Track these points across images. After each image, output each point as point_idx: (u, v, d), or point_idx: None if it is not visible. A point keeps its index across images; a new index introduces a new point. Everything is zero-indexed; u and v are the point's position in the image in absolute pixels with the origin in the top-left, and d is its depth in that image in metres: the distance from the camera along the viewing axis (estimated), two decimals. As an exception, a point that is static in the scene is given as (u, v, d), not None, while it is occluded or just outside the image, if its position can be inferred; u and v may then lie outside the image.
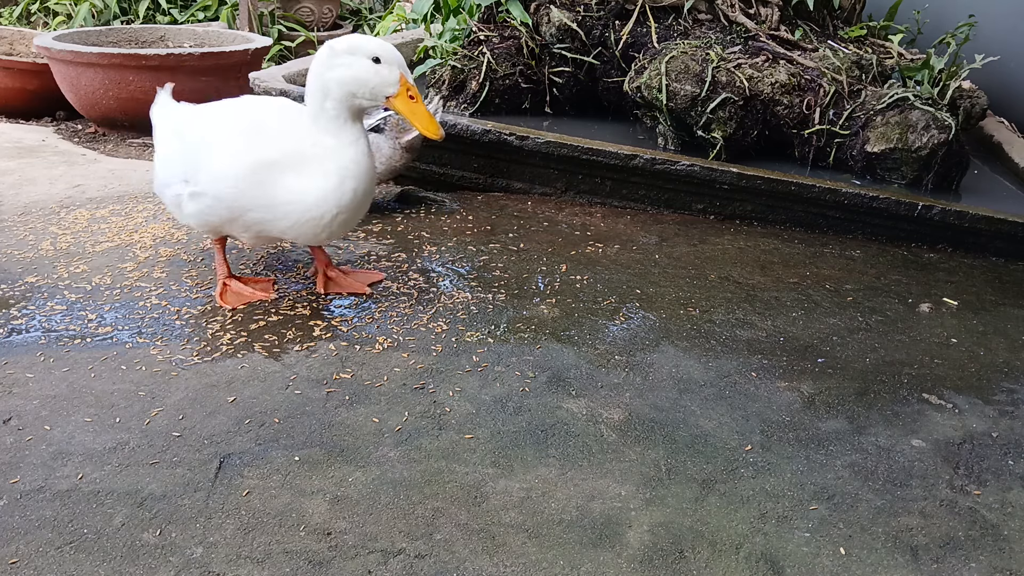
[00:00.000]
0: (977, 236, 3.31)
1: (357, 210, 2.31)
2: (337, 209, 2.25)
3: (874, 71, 3.76)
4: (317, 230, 2.29)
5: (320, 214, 2.25)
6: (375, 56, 2.17)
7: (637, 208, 3.53)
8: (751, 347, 2.44)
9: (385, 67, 2.17)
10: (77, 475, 1.76)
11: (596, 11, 3.99)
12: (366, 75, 2.17)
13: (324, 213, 2.25)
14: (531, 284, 2.74)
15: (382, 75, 2.17)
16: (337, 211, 2.25)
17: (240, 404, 2.03)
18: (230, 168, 2.26)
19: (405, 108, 2.21)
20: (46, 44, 4.39)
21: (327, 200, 2.24)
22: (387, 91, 2.19)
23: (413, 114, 2.22)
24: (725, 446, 1.99)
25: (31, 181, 3.55)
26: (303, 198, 2.24)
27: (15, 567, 1.53)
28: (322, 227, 2.28)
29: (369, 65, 2.17)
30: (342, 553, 1.60)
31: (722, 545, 1.68)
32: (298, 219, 2.26)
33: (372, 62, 2.17)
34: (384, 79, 2.18)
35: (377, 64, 2.17)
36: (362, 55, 2.17)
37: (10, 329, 2.31)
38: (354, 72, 2.17)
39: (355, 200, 2.27)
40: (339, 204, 2.25)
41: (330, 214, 2.25)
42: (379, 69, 2.17)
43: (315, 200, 2.24)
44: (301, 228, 2.29)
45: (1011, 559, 1.71)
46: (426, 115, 2.22)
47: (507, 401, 2.10)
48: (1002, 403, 2.27)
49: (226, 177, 2.26)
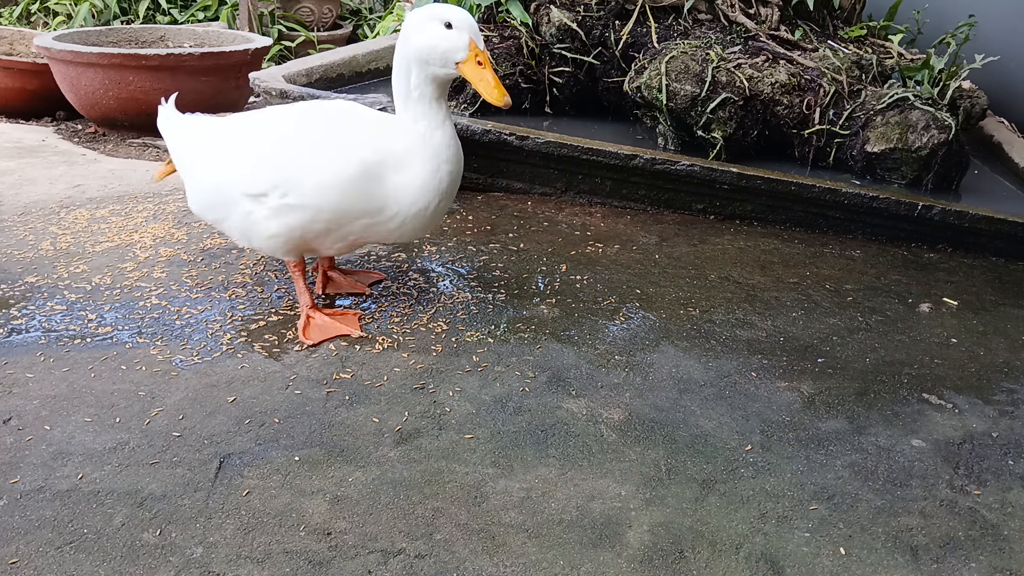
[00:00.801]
0: (977, 236, 3.31)
1: (451, 196, 2.28)
2: (438, 197, 2.22)
3: (874, 71, 3.76)
4: (424, 223, 2.26)
5: (424, 206, 2.21)
6: (447, 21, 2.14)
7: (637, 208, 3.53)
8: (751, 347, 2.44)
9: (456, 32, 2.14)
10: (77, 475, 1.76)
11: (596, 11, 3.99)
12: (438, 40, 2.13)
13: (428, 204, 2.21)
14: (531, 284, 2.74)
15: (451, 39, 2.13)
16: (439, 199, 2.22)
17: (240, 404, 2.03)
18: (336, 175, 2.17)
19: (473, 73, 2.15)
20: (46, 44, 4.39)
21: (427, 190, 2.20)
22: (456, 56, 2.14)
23: (480, 79, 2.16)
24: (725, 446, 1.99)
25: (31, 181, 3.55)
26: (406, 193, 2.19)
27: (15, 567, 1.53)
28: (428, 219, 2.25)
29: (442, 30, 2.14)
30: (342, 553, 1.60)
31: (722, 545, 1.68)
32: (404, 217, 2.22)
33: (445, 27, 2.14)
34: (454, 43, 2.13)
35: (449, 29, 2.14)
36: (437, 20, 2.15)
37: (10, 329, 2.31)
38: (427, 37, 2.14)
39: (452, 185, 2.24)
40: (439, 191, 2.21)
41: (433, 204, 2.22)
42: (449, 34, 2.14)
43: (417, 193, 2.20)
44: (408, 226, 2.25)
45: (1011, 559, 1.71)
46: (492, 81, 2.16)
47: (507, 401, 2.10)
48: (1002, 403, 2.27)
49: (333, 185, 2.17)
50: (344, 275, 2.62)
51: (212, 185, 2.31)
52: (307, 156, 2.19)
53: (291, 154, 2.21)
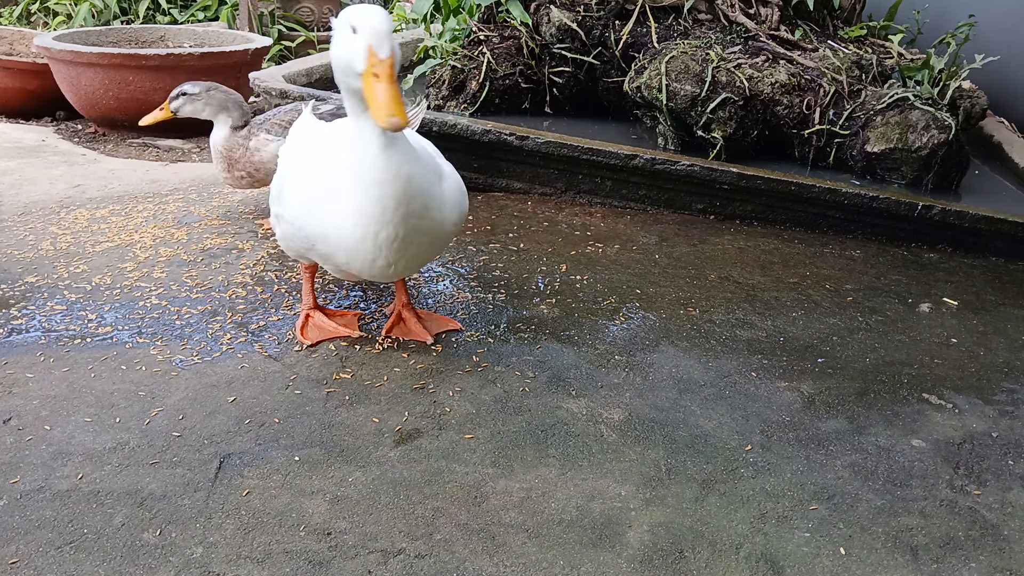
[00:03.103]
0: (977, 236, 3.31)
1: (406, 226, 1.91)
2: (377, 226, 1.89)
3: (874, 71, 3.76)
4: (370, 257, 1.95)
5: (362, 235, 1.91)
6: (352, 24, 1.76)
7: (637, 208, 3.53)
8: (751, 347, 2.44)
9: (357, 37, 1.75)
10: (77, 475, 1.76)
11: (596, 11, 3.99)
12: (343, 48, 1.78)
13: (366, 232, 1.90)
14: (531, 284, 2.74)
15: (351, 47, 1.75)
16: (379, 229, 1.89)
17: (240, 404, 2.03)
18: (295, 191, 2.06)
19: (365, 87, 1.74)
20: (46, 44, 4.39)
21: (364, 217, 1.89)
22: (356, 66, 1.75)
23: (369, 95, 1.72)
24: (725, 446, 1.99)
25: (31, 181, 3.55)
26: (344, 221, 1.92)
27: (15, 567, 1.53)
28: (376, 252, 1.93)
29: (348, 35, 1.77)
30: (342, 553, 1.60)
31: (722, 545, 1.68)
32: (347, 249, 1.95)
33: (351, 31, 1.77)
34: (352, 52, 1.75)
35: (354, 34, 1.76)
36: (345, 24, 1.78)
37: (10, 329, 2.31)
38: (337, 47, 1.81)
39: (399, 211, 1.89)
40: (381, 220, 1.88)
41: (374, 233, 1.89)
42: (352, 39, 1.76)
43: (352, 221, 1.90)
44: (357, 259, 1.97)
45: (1011, 559, 1.71)
46: (385, 99, 1.69)
47: (507, 401, 2.10)
48: (1002, 403, 2.27)
49: (295, 201, 2.06)
50: (418, 319, 2.40)
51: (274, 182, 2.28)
52: (290, 173, 2.13)
53: (284, 168, 2.19)
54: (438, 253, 2.21)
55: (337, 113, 2.88)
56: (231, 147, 2.98)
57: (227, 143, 2.99)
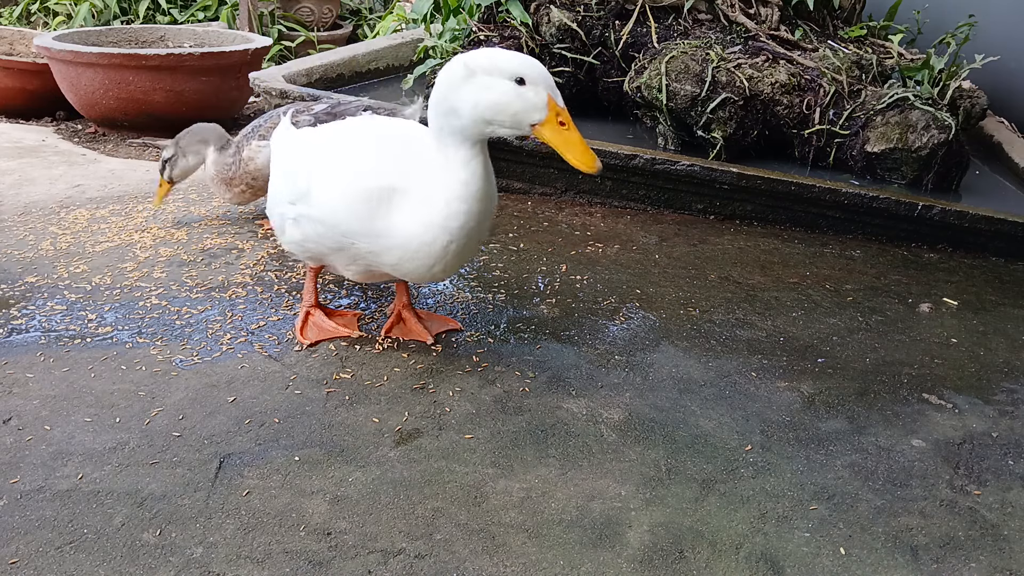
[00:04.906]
0: (977, 236, 3.31)
1: (470, 238, 1.99)
2: (447, 235, 1.95)
3: (874, 71, 3.76)
4: (428, 262, 2.01)
5: (428, 241, 1.96)
6: (519, 76, 1.81)
7: (637, 208, 3.53)
8: (751, 347, 2.44)
9: (531, 89, 1.81)
10: (77, 475, 1.76)
11: (596, 11, 3.99)
12: (508, 99, 1.81)
13: (433, 240, 1.96)
14: (531, 284, 2.74)
15: (527, 99, 1.81)
16: (447, 238, 1.95)
17: (240, 404, 2.03)
18: (344, 194, 2.03)
19: (556, 139, 1.83)
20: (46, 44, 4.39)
21: (432, 226, 1.95)
22: (533, 117, 1.82)
23: (567, 145, 1.83)
24: (725, 446, 1.99)
25: (31, 181, 3.55)
26: (409, 225, 1.98)
27: (15, 567, 1.53)
28: (434, 258, 1.99)
29: (511, 88, 1.81)
30: (342, 553, 1.60)
31: (722, 545, 1.68)
32: (404, 250, 2.00)
33: (515, 83, 1.81)
34: (530, 103, 1.81)
35: (521, 86, 1.81)
36: (503, 76, 1.82)
37: (10, 329, 2.31)
38: (494, 97, 1.82)
39: (468, 226, 1.95)
40: (448, 229, 1.95)
41: (441, 241, 1.96)
42: (523, 91, 1.81)
43: (421, 227, 1.96)
44: (409, 261, 2.02)
45: (1011, 559, 1.71)
46: (581, 146, 1.84)
47: (507, 401, 2.10)
48: (1002, 403, 2.27)
49: (340, 203, 2.03)
50: (418, 319, 2.42)
51: (273, 184, 2.28)
52: (326, 171, 2.08)
53: (316, 166, 2.11)
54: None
55: (333, 112, 2.88)
56: (222, 167, 2.99)
57: (217, 165, 3.00)
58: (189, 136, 3.04)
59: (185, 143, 3.03)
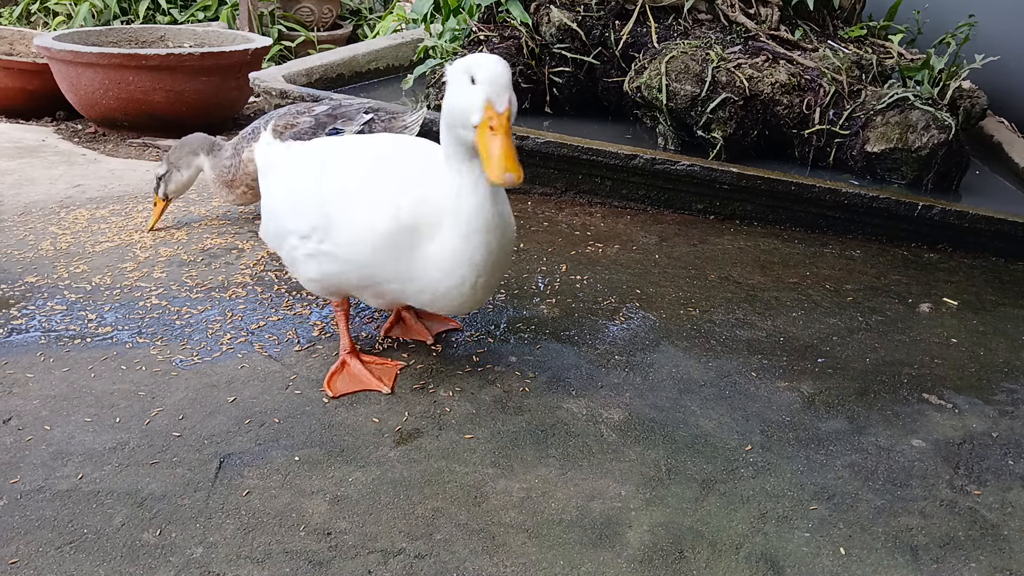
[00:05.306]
0: (977, 236, 3.31)
1: (496, 269, 1.89)
2: (474, 272, 1.85)
3: (874, 71, 3.76)
4: (461, 300, 1.91)
5: (457, 282, 1.87)
6: (472, 75, 1.72)
7: (637, 208, 3.53)
8: (751, 347, 2.44)
9: (477, 88, 1.70)
10: (77, 475, 1.76)
11: (596, 11, 3.99)
12: (459, 98, 1.73)
13: (462, 279, 1.86)
14: (531, 284, 2.74)
15: (471, 98, 1.70)
16: (475, 274, 1.85)
17: (240, 404, 2.03)
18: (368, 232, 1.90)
19: (480, 143, 1.70)
20: (46, 44, 4.39)
21: (459, 263, 1.84)
22: (472, 118, 1.70)
23: (487, 152, 1.68)
24: (725, 446, 1.99)
25: (31, 181, 3.55)
26: (436, 265, 1.87)
27: (15, 567, 1.53)
28: (466, 296, 1.90)
29: (467, 86, 1.72)
30: (342, 553, 1.60)
31: (722, 545, 1.68)
32: (435, 291, 1.90)
33: (470, 81, 1.72)
34: (471, 103, 1.70)
35: (473, 85, 1.72)
36: (464, 73, 1.73)
37: (10, 329, 2.31)
38: (451, 95, 1.75)
39: (491, 258, 1.85)
40: (473, 264, 1.84)
41: (470, 279, 1.86)
42: (471, 90, 1.71)
43: (448, 266, 1.86)
44: (442, 301, 1.93)
45: (1011, 559, 1.71)
46: (500, 155, 1.66)
47: (507, 401, 2.10)
48: (1002, 403, 2.27)
49: (364, 242, 1.91)
50: (417, 318, 2.40)
51: (271, 210, 2.14)
52: (347, 204, 1.94)
53: (333, 198, 1.96)
54: None
55: (333, 113, 2.88)
56: (221, 170, 2.98)
57: (215, 169, 2.99)
58: (178, 150, 3.02)
59: (175, 157, 3.01)
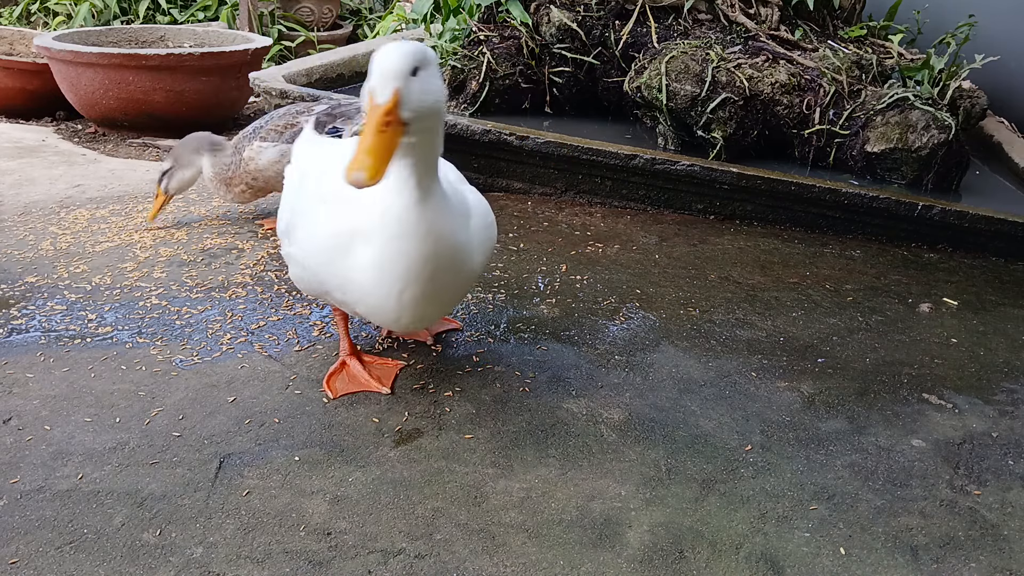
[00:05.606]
0: (977, 236, 3.31)
1: (426, 280, 1.76)
2: (402, 284, 1.74)
3: (874, 71, 3.76)
4: (390, 311, 1.81)
5: (385, 293, 1.77)
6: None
7: (637, 208, 3.53)
8: (751, 347, 2.44)
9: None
10: (77, 475, 1.76)
11: (596, 11, 3.99)
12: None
13: (390, 291, 1.76)
14: (531, 284, 2.74)
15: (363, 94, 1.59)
16: (404, 287, 1.75)
17: (240, 404, 2.03)
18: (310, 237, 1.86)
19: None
20: (46, 44, 4.39)
21: (388, 274, 1.74)
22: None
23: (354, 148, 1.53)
24: (725, 446, 1.99)
25: (31, 181, 3.55)
26: (365, 275, 1.78)
27: (15, 567, 1.53)
28: (403, 310, 1.79)
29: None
30: (342, 553, 1.60)
31: (722, 545, 1.68)
32: (368, 304, 1.83)
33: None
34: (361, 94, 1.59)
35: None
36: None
37: (10, 329, 2.31)
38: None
39: (427, 268, 1.73)
40: (405, 278, 1.73)
41: (398, 292, 1.75)
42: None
43: (375, 277, 1.76)
44: (379, 315, 1.84)
45: (1011, 559, 1.71)
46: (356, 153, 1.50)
47: (507, 401, 2.10)
48: (1002, 403, 2.27)
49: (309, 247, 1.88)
50: None
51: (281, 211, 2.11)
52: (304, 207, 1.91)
53: (296, 200, 1.95)
54: (464, 296, 2.08)
55: (332, 113, 2.88)
56: (221, 169, 3.00)
57: (216, 168, 3.01)
58: (182, 148, 3.04)
59: (179, 155, 3.03)
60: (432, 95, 1.59)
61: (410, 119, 1.56)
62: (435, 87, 1.61)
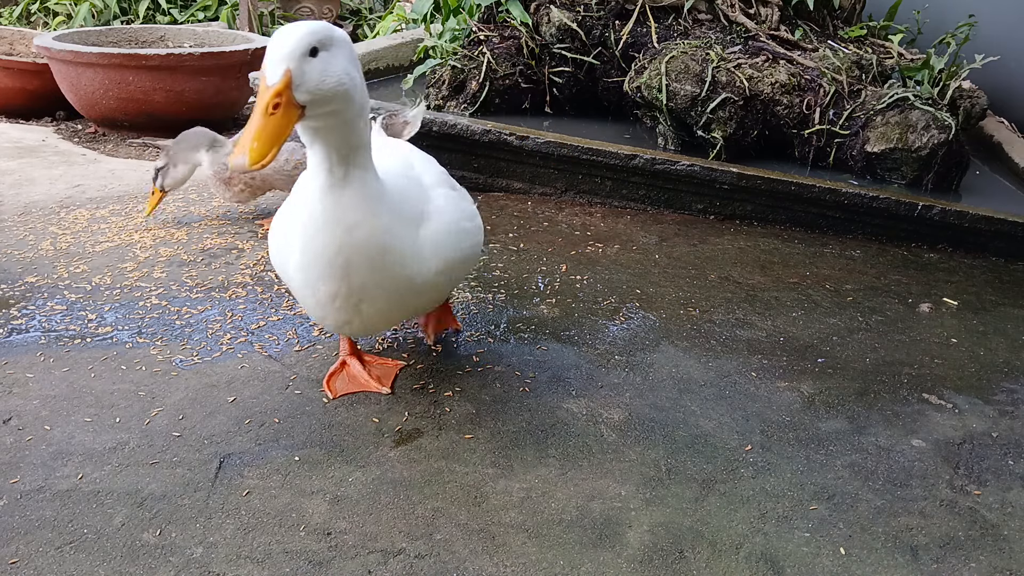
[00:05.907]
0: (977, 236, 3.31)
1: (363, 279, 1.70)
2: (322, 282, 1.68)
3: (874, 71, 3.76)
4: (319, 314, 1.80)
5: (311, 292, 1.72)
6: None
7: (637, 208, 3.53)
8: (751, 347, 2.44)
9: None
10: (77, 475, 1.76)
11: (596, 11, 3.99)
12: None
13: (316, 289, 1.72)
14: (531, 284, 2.74)
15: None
16: (325, 284, 1.69)
17: (240, 404, 2.03)
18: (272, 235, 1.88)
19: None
20: (46, 44, 4.39)
21: (308, 270, 1.69)
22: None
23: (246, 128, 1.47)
24: (725, 446, 1.99)
25: (31, 181, 3.55)
26: (295, 271, 1.74)
27: (15, 567, 1.53)
28: (319, 311, 1.78)
29: None
30: (342, 553, 1.60)
31: (722, 545, 1.68)
32: (305, 304, 1.80)
33: None
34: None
35: None
36: None
37: (10, 329, 2.31)
38: None
39: (350, 264, 1.67)
40: (324, 276, 1.68)
41: (324, 290, 1.70)
42: None
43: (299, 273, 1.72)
44: (312, 313, 1.82)
45: (1011, 559, 1.71)
46: (243, 135, 1.45)
47: (507, 401, 2.10)
48: (1002, 403, 2.27)
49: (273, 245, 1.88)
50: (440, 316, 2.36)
51: None
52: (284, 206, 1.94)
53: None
54: (427, 307, 1.99)
55: None
56: (220, 167, 3.00)
57: (215, 166, 3.01)
58: (179, 144, 3.03)
59: (175, 151, 3.02)
60: (333, 77, 1.50)
61: (307, 102, 1.48)
62: (337, 69, 1.51)
